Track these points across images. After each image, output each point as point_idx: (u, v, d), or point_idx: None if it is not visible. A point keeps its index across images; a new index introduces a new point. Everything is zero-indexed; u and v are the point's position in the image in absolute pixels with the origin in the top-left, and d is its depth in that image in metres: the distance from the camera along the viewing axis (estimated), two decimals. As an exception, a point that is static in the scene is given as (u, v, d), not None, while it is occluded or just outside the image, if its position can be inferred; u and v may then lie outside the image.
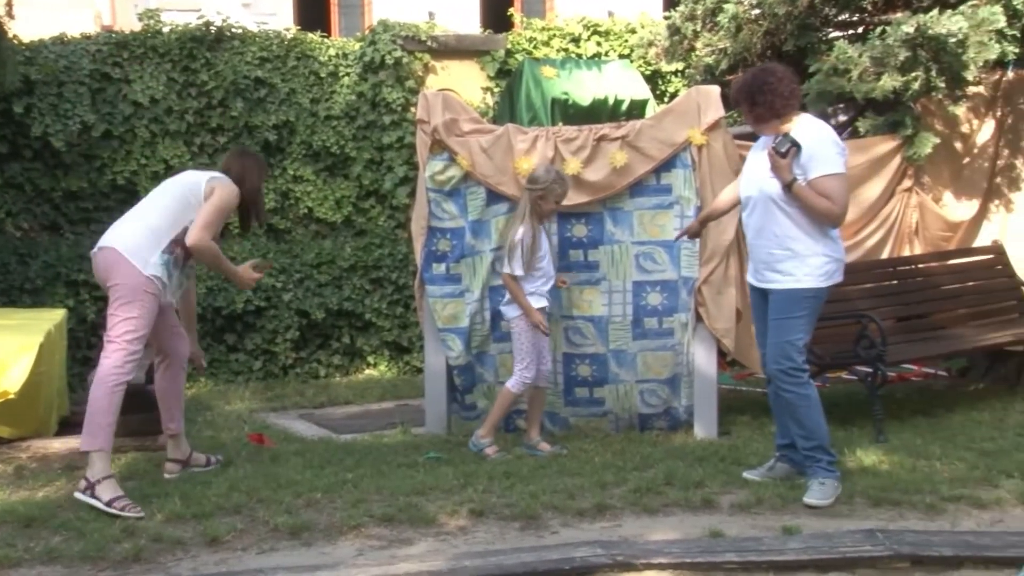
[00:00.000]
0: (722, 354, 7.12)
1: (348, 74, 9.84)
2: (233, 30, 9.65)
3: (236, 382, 9.11)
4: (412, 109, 9.40)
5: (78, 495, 5.35)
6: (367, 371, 9.65)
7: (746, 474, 5.82)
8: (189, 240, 5.61)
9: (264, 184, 6.37)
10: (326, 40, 10.11)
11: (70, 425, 6.65)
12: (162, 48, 9.43)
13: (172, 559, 4.74)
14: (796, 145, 5.41)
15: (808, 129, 5.55)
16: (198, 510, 5.18)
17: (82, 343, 8.78)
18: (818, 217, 5.47)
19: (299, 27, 10.58)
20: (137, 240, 5.59)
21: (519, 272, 6.34)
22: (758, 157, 5.71)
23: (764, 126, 5.61)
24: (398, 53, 9.83)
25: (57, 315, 7.33)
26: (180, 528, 4.99)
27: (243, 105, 9.50)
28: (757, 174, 5.64)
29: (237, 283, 6.17)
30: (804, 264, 5.51)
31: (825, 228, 5.53)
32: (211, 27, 9.53)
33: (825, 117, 8.31)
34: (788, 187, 5.43)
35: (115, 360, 5.47)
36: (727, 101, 6.95)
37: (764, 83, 5.54)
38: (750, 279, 5.83)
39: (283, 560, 4.64)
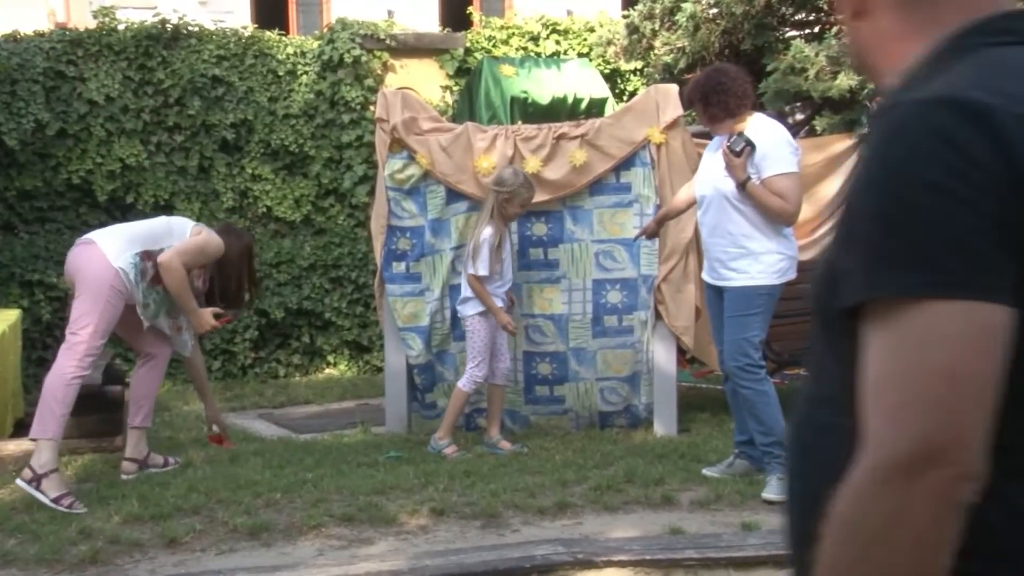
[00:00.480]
0: (682, 352, 7.16)
1: (307, 72, 9.80)
2: (190, 28, 9.59)
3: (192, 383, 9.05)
4: (371, 108, 9.38)
5: (20, 483, 5.37)
6: (327, 370, 9.63)
7: (706, 471, 5.85)
8: (162, 257, 5.73)
9: (245, 267, 6.41)
10: (284, 38, 10.07)
11: (25, 427, 6.56)
12: (117, 46, 9.35)
13: (129, 561, 4.70)
14: (750, 144, 5.49)
15: (762, 129, 5.63)
16: (156, 511, 5.14)
17: (37, 344, 8.69)
18: (771, 215, 5.55)
19: (256, 25, 10.54)
20: (114, 238, 5.78)
21: (483, 272, 6.33)
22: (713, 157, 5.78)
23: (718, 125, 5.69)
24: (357, 52, 9.80)
25: (11, 315, 7.25)
26: (138, 530, 4.96)
27: (200, 103, 9.44)
28: (712, 173, 5.70)
29: (194, 322, 6.12)
30: (758, 262, 5.58)
31: (778, 226, 5.61)
32: (167, 25, 9.45)
33: (782, 116, 8.39)
34: (742, 186, 5.50)
35: (76, 353, 5.50)
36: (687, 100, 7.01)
37: (718, 83, 5.62)
38: (705, 276, 5.89)
39: (242, 561, 4.62)
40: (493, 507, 5.27)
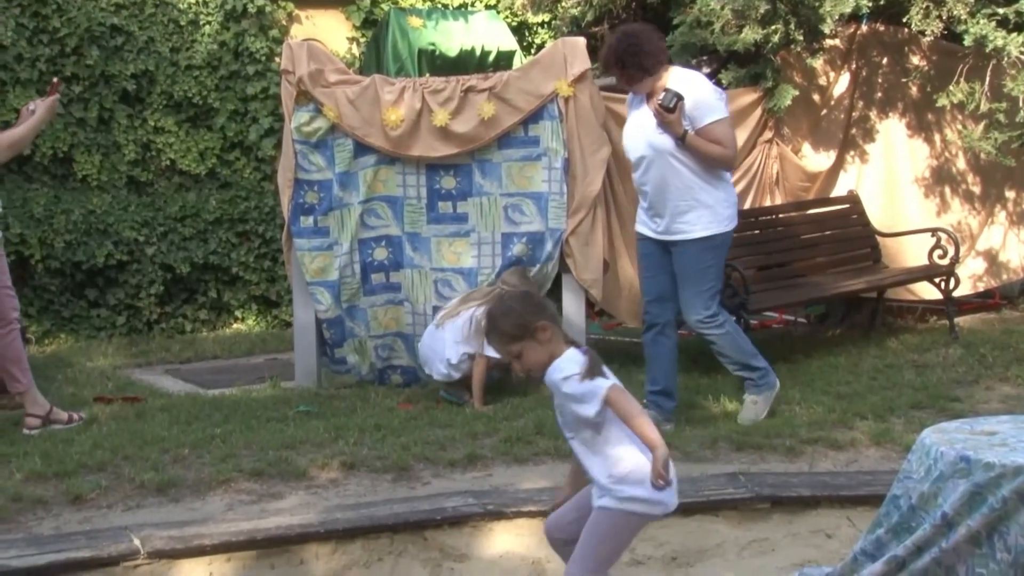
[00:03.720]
0: (590, 304, 7.19)
1: (209, 23, 9.60)
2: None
3: (99, 338, 8.90)
4: (276, 59, 9.22)
5: None
6: (235, 325, 9.52)
7: (744, 419, 5.94)
8: None
9: None
10: (186, -13, 9.85)
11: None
12: (11, -7, 9.07)
13: (34, 519, 4.63)
14: (679, 98, 5.61)
15: (684, 80, 5.77)
16: (60, 468, 5.06)
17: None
18: (713, 163, 5.72)
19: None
20: None
21: (492, 354, 5.86)
22: (638, 116, 5.84)
23: (639, 85, 5.79)
24: (261, 2, 9.61)
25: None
26: (41, 487, 4.88)
27: (99, 53, 9.20)
28: (643, 132, 5.79)
29: (45, 117, 6.06)
30: (709, 211, 5.76)
31: (720, 173, 5.80)
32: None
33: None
34: (681, 139, 5.63)
35: None
36: (593, 53, 7.01)
37: (629, 45, 5.72)
38: (647, 232, 5.94)
39: (150, 517, 4.57)
40: (404, 460, 5.28)
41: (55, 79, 6.13)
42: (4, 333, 5.85)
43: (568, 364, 3.42)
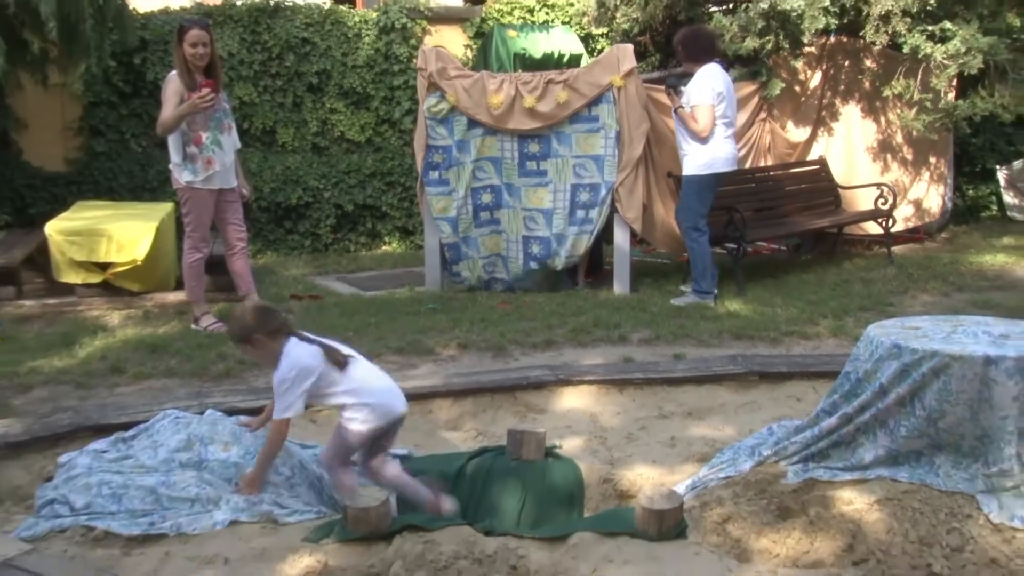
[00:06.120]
0: (633, 235, 7.08)
1: (368, 35, 9.49)
2: (286, 3, 9.25)
3: (292, 255, 9.00)
4: (414, 60, 9.11)
5: (193, 326, 5.67)
6: (384, 247, 9.55)
7: (673, 301, 6.30)
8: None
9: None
10: (352, 10, 9.72)
11: (180, 284, 6.58)
12: (236, 16, 9.03)
13: (252, 375, 4.73)
14: (675, 86, 6.26)
15: (700, 72, 6.19)
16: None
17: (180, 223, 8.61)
18: (691, 133, 6.17)
19: (333, 1, 10.19)
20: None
21: None
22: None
23: (685, 64, 6.42)
24: (404, 20, 9.49)
25: (168, 207, 7.18)
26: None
27: (293, 58, 9.16)
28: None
29: (186, 111, 5.34)
30: (688, 159, 6.28)
31: (698, 139, 6.21)
32: (270, 1, 9.14)
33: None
34: (675, 111, 6.25)
35: (185, 246, 5.69)
36: (639, 56, 6.96)
37: (684, 36, 6.38)
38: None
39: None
40: (500, 343, 5.29)
41: (204, 82, 5.41)
42: (232, 253, 5.87)
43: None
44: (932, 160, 8.61)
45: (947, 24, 7.41)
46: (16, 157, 8.38)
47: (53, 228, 6.30)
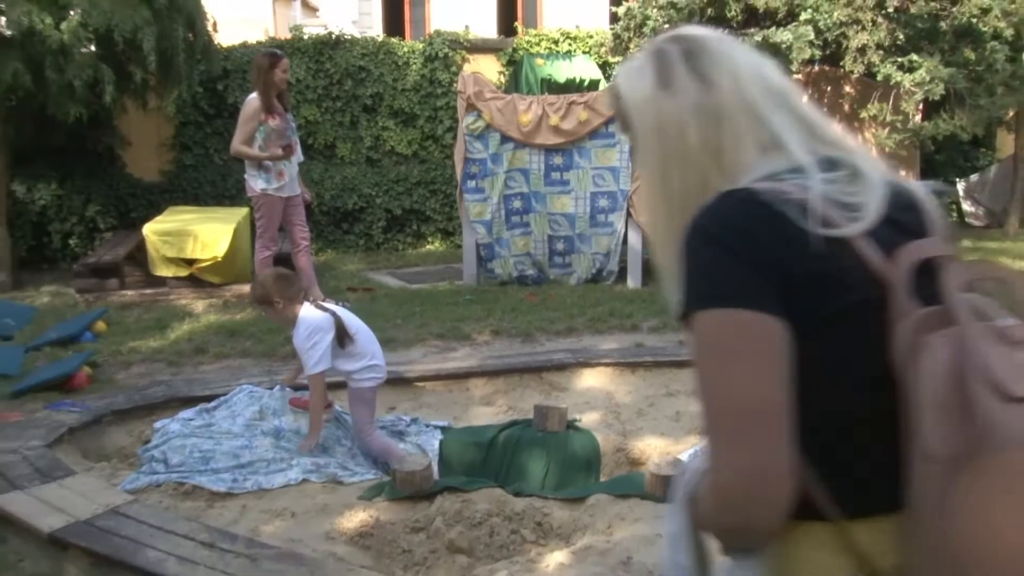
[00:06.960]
0: (645, 236, 7.09)
1: (415, 63, 9.56)
2: (346, 37, 9.37)
3: (348, 253, 9.09)
4: (454, 85, 9.17)
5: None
6: (427, 247, 9.62)
7: None
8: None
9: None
10: (402, 42, 9.78)
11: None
12: (303, 48, 9.15)
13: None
14: None
15: None
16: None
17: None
18: None
19: (386, 34, 10.26)
20: None
21: None
22: None
23: None
24: (446, 50, 9.54)
25: (244, 211, 7.28)
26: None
27: (351, 82, 9.26)
28: None
29: (264, 157, 5.34)
30: None
31: None
32: (332, 35, 9.29)
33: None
34: None
35: (257, 245, 5.68)
36: None
37: None
38: None
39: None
40: (528, 330, 5.33)
41: (284, 147, 5.47)
42: (297, 251, 5.96)
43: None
44: (902, 173, 8.53)
45: (914, 56, 7.49)
46: (120, 170, 8.57)
47: (149, 229, 6.44)
